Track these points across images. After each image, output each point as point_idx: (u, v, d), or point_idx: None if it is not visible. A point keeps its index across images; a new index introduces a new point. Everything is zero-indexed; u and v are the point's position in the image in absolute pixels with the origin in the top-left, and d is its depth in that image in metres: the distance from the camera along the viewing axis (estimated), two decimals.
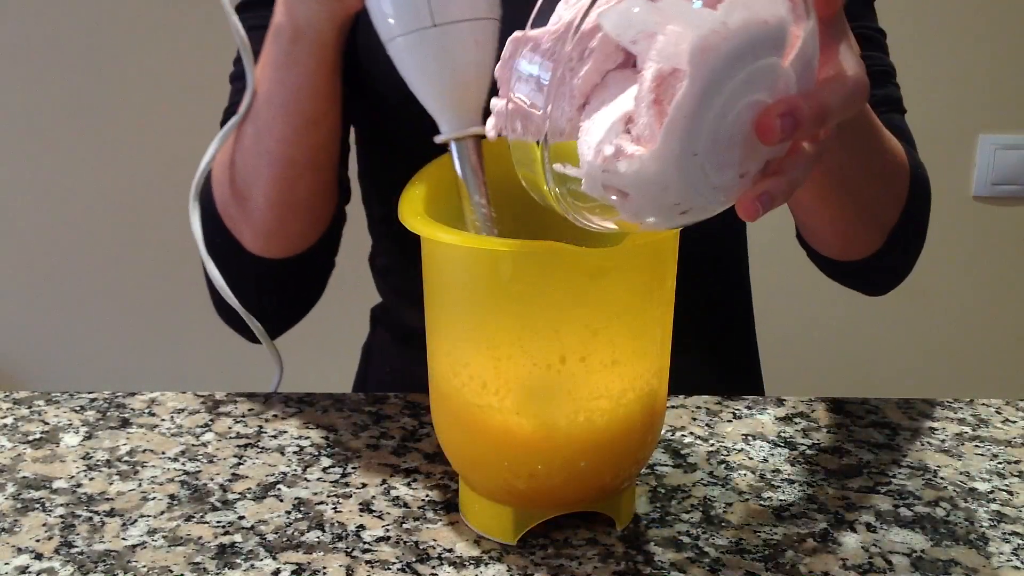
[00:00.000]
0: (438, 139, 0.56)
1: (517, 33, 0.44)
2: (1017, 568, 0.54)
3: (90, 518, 0.57)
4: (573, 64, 0.42)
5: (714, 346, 0.85)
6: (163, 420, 0.69)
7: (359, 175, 0.87)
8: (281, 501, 0.59)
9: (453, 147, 0.55)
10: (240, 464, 0.63)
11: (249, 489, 0.60)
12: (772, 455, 0.65)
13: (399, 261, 0.85)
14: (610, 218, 0.45)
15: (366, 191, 0.87)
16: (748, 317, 0.91)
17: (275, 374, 0.75)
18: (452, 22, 0.53)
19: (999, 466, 0.65)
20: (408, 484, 0.61)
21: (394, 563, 0.53)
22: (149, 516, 0.57)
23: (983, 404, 0.74)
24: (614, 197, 0.43)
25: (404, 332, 0.87)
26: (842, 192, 0.67)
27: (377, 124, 0.80)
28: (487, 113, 0.49)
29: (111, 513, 0.58)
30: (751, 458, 0.65)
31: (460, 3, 0.53)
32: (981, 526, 0.58)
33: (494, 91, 0.48)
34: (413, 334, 0.86)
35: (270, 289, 0.75)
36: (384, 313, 0.91)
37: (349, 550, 0.54)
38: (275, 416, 0.69)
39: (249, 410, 0.70)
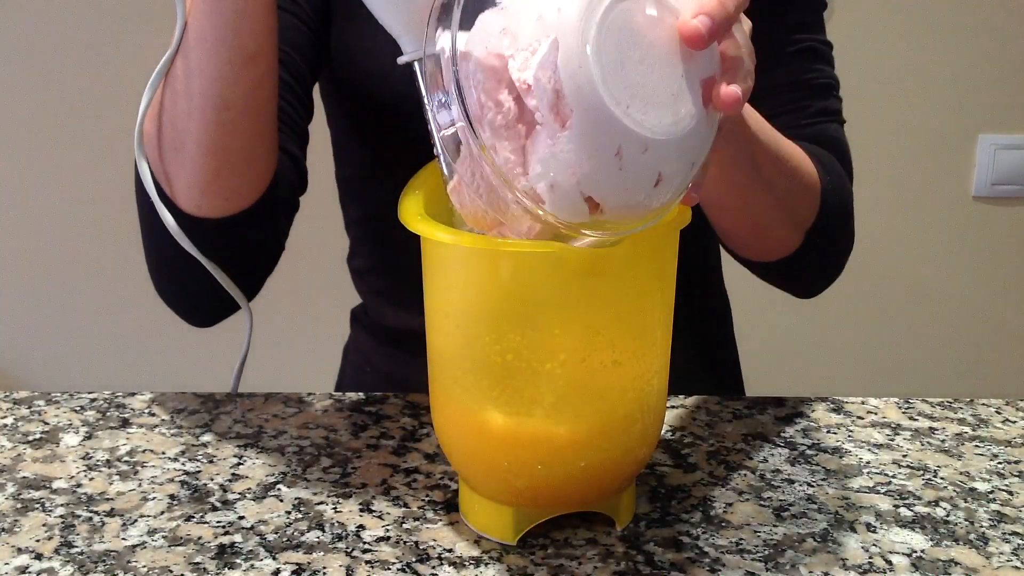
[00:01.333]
0: (401, 60, 0.54)
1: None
2: (1017, 568, 0.54)
3: (90, 518, 0.57)
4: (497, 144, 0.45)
5: (695, 346, 0.85)
6: (163, 420, 0.69)
7: (336, 177, 0.86)
8: (281, 501, 0.59)
9: (416, 68, 0.53)
10: (240, 464, 0.63)
11: (249, 489, 0.60)
12: (772, 455, 0.65)
13: (377, 262, 0.85)
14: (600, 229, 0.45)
15: (343, 193, 0.87)
16: (726, 317, 0.92)
17: (245, 329, 0.72)
18: None
19: (999, 466, 0.65)
20: (408, 484, 0.61)
21: (394, 563, 0.53)
22: (149, 516, 0.57)
23: (983, 404, 0.74)
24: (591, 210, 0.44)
25: (384, 332, 0.87)
26: (749, 188, 0.68)
27: (356, 126, 0.80)
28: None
29: (111, 513, 0.58)
30: (751, 458, 0.65)
31: None
32: (981, 526, 0.58)
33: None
34: (393, 334, 0.87)
35: (210, 255, 0.68)
36: (364, 314, 0.91)
37: (349, 550, 0.54)
38: (275, 416, 0.69)
39: (249, 410, 0.70)
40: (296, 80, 0.75)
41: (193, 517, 0.57)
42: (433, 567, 0.53)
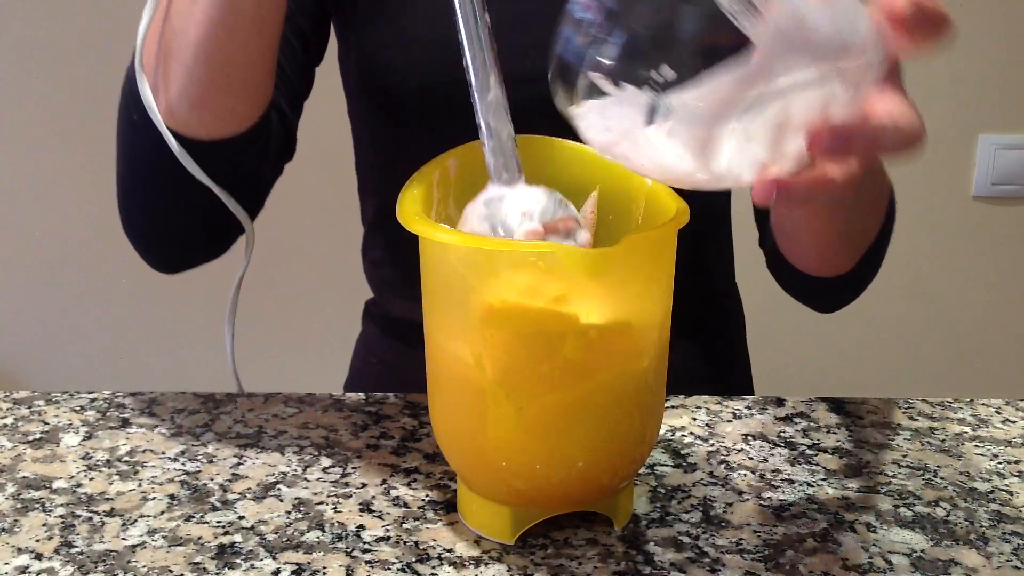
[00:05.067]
0: None
1: None
2: (1017, 568, 0.54)
3: (90, 518, 0.57)
4: None
5: (704, 343, 0.85)
6: (163, 420, 0.69)
7: (356, 166, 0.86)
8: (281, 501, 0.59)
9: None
10: (240, 464, 0.63)
11: (249, 489, 0.60)
12: (772, 455, 0.65)
13: (390, 252, 0.85)
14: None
15: (362, 181, 0.87)
16: (738, 315, 0.91)
17: (245, 251, 0.69)
18: None
19: (999, 466, 0.65)
20: (408, 484, 0.61)
21: (394, 563, 0.53)
22: (149, 516, 0.57)
23: (983, 404, 0.74)
24: None
25: (391, 324, 0.87)
26: (843, 216, 0.67)
27: (378, 114, 0.80)
28: None
29: (111, 513, 0.58)
30: (751, 458, 0.65)
31: None
32: (981, 526, 0.58)
33: None
34: (402, 326, 0.87)
35: (190, 185, 0.65)
36: (373, 305, 0.91)
37: (349, 550, 0.54)
38: (275, 416, 0.69)
39: (249, 410, 0.70)
40: (299, 40, 0.75)
41: (193, 517, 0.57)
42: (433, 567, 0.53)
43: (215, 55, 0.61)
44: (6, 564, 0.53)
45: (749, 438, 0.67)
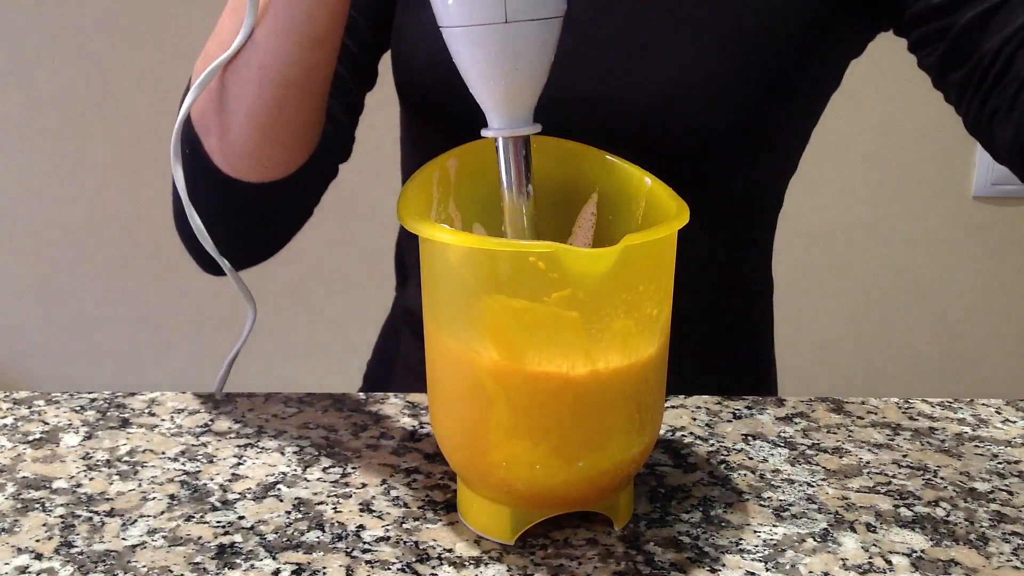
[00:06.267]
0: (485, 133, 0.54)
1: None
2: (1017, 568, 0.54)
3: (90, 518, 0.57)
4: None
5: (733, 347, 0.85)
6: (163, 420, 0.69)
7: (401, 140, 0.86)
8: (281, 501, 0.59)
9: (500, 143, 0.54)
10: (240, 464, 0.63)
11: (249, 489, 0.60)
12: (772, 455, 0.65)
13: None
14: None
15: (405, 168, 0.86)
16: (768, 319, 0.91)
17: (248, 317, 0.71)
18: (525, 20, 0.50)
19: (999, 466, 0.65)
20: (408, 484, 0.61)
21: (394, 563, 0.53)
22: (149, 516, 0.57)
23: (983, 404, 0.74)
24: None
25: (417, 320, 0.87)
26: None
27: (418, 103, 0.79)
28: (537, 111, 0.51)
29: (111, 513, 0.58)
30: (751, 458, 0.65)
31: (535, 0, 0.50)
32: (981, 526, 0.58)
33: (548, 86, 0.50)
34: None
35: (233, 213, 0.69)
36: (398, 300, 0.91)
37: (349, 550, 0.54)
38: (275, 416, 0.69)
39: (249, 410, 0.70)
40: (358, 47, 0.75)
41: (193, 517, 0.57)
42: (433, 567, 0.53)
43: (267, 119, 0.64)
44: (6, 564, 0.53)
45: (749, 438, 0.68)
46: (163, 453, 0.64)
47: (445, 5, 0.51)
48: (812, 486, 0.62)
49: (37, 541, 0.55)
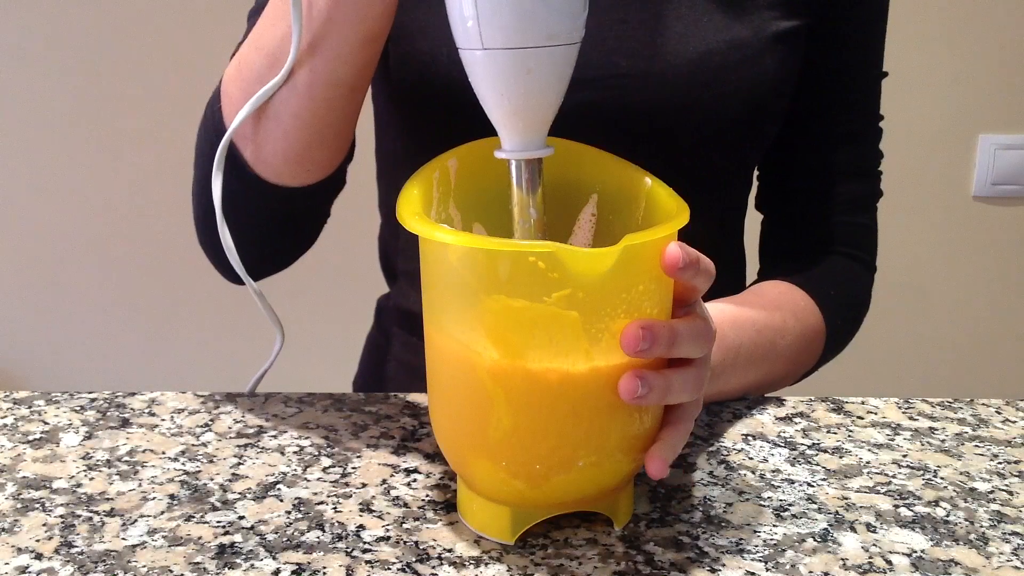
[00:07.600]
0: (499, 154, 0.54)
1: None
2: (1017, 568, 0.54)
3: (90, 518, 0.57)
4: None
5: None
6: (163, 420, 0.69)
7: (376, 152, 0.86)
8: (281, 501, 0.59)
9: (512, 165, 0.54)
10: (240, 464, 0.63)
11: (249, 489, 0.60)
12: (772, 455, 0.65)
13: (406, 242, 0.85)
14: None
15: (381, 168, 0.86)
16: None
17: (276, 341, 0.72)
18: (546, 46, 0.51)
19: (999, 466, 0.65)
20: (408, 484, 0.61)
21: (394, 563, 0.53)
22: (149, 516, 0.57)
23: (983, 404, 0.74)
24: None
25: (406, 318, 0.87)
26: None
27: (403, 102, 0.79)
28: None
29: (111, 513, 0.58)
30: (751, 458, 0.65)
31: (554, 26, 0.51)
32: (981, 526, 0.58)
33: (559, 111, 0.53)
34: (416, 320, 0.87)
35: (268, 219, 0.70)
36: (387, 300, 0.91)
37: (349, 550, 0.54)
38: (275, 416, 0.69)
39: (249, 410, 0.70)
40: None
41: (193, 517, 0.57)
42: (433, 567, 0.53)
43: (315, 122, 0.64)
44: (6, 564, 0.53)
45: (749, 438, 0.67)
46: (163, 453, 0.64)
47: (465, 28, 0.52)
48: (812, 486, 0.62)
49: (37, 541, 0.55)
